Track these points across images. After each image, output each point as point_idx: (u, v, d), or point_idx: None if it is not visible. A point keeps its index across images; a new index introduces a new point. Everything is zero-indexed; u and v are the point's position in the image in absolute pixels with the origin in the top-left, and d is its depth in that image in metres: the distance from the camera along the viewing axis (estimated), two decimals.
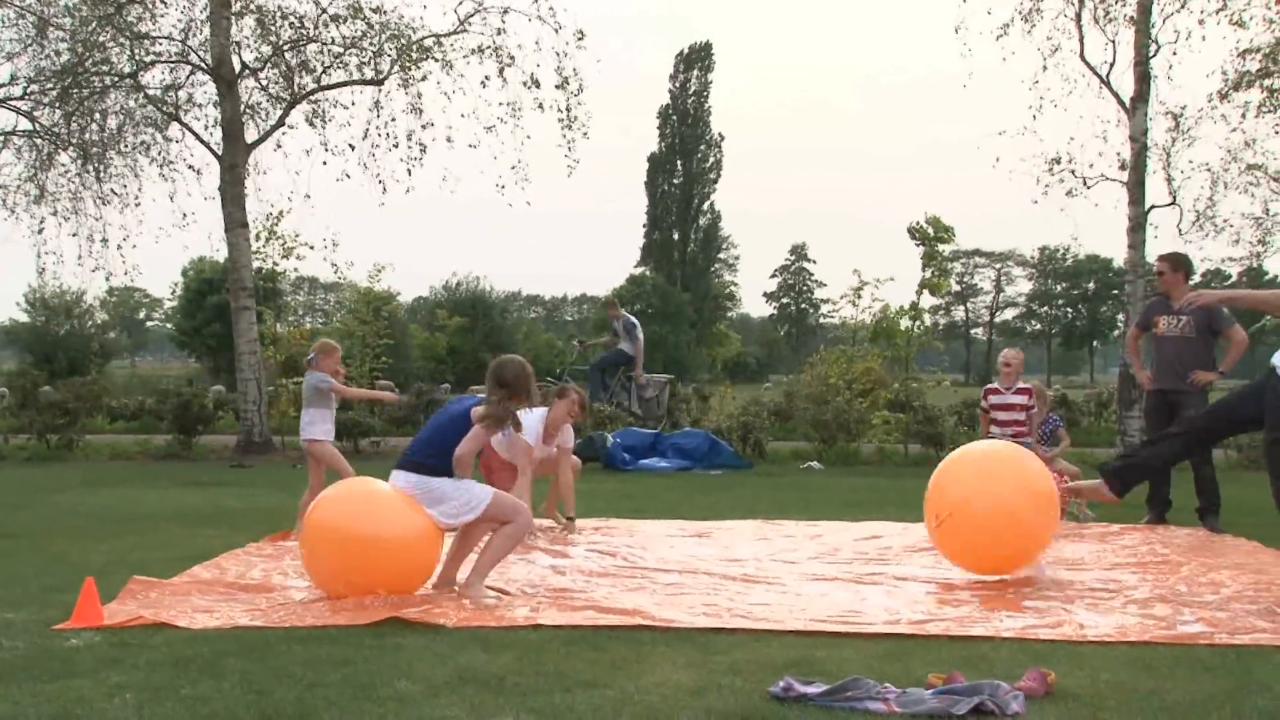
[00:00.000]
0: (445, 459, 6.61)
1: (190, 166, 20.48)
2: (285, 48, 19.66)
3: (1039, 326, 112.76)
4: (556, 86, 19.36)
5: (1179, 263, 10.51)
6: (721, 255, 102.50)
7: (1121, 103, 18.32)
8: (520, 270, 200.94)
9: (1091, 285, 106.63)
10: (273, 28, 19.39)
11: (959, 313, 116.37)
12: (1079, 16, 18.39)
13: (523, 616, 6.07)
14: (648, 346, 20.18)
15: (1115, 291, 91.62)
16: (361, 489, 6.69)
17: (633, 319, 19.73)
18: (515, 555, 7.76)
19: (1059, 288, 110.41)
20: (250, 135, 19.57)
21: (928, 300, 19.08)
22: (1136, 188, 18.07)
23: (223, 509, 11.01)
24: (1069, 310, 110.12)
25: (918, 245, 18.81)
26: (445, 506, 6.62)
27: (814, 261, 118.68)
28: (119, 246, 20.37)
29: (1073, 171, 19.01)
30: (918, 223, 18.77)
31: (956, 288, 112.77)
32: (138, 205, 20.39)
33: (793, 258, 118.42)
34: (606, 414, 19.97)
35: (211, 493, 12.59)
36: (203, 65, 19.42)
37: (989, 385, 11.21)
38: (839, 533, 9.67)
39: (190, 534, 9.21)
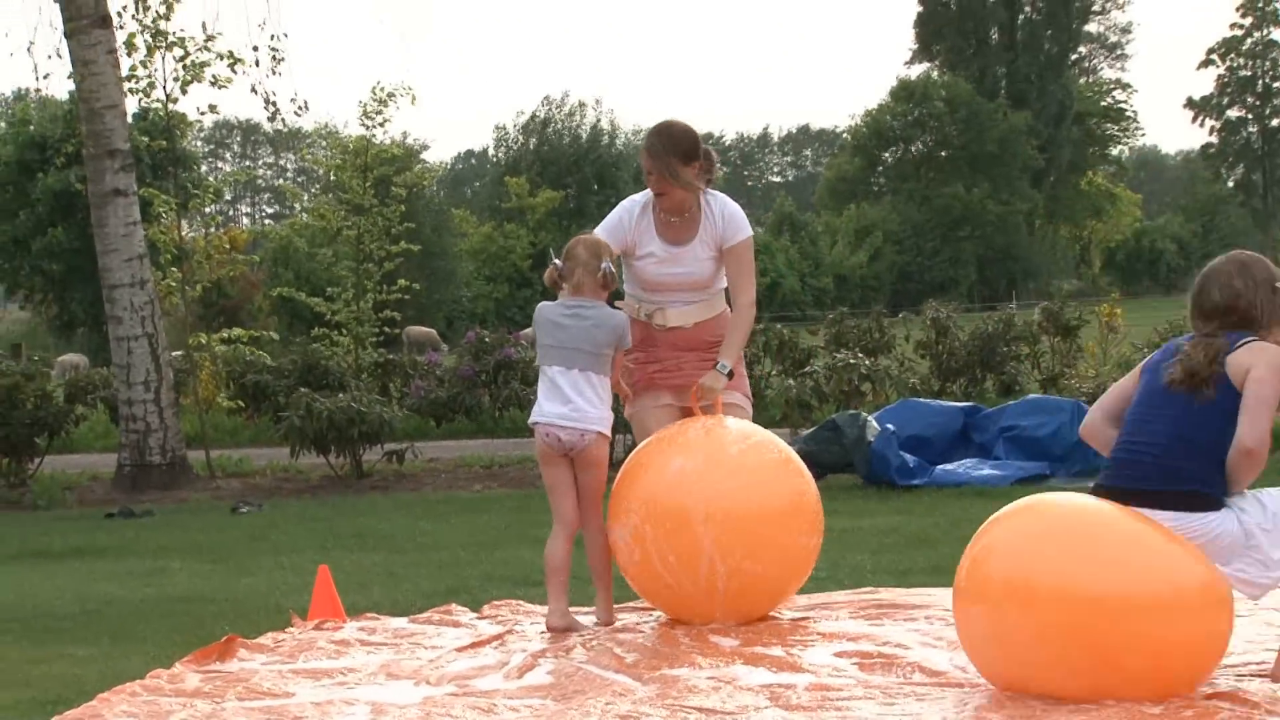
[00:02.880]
0: (1210, 466, 5.11)
1: None
2: None
3: None
4: None
5: None
6: (1091, 27, 69.62)
7: None
8: (669, 90, 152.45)
9: None
10: None
11: None
12: None
13: None
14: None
15: None
16: (1071, 515, 5.20)
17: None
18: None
19: None
20: None
21: None
22: None
23: (98, 602, 9.12)
24: None
25: None
26: (1244, 563, 5.28)
27: None
28: None
29: None
30: None
31: None
32: None
33: (1249, 17, 74.21)
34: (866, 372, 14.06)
35: (73, 570, 10.52)
36: None
37: None
38: None
39: (33, 655, 7.43)
